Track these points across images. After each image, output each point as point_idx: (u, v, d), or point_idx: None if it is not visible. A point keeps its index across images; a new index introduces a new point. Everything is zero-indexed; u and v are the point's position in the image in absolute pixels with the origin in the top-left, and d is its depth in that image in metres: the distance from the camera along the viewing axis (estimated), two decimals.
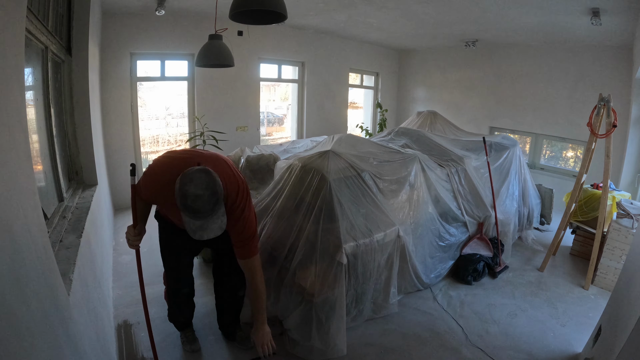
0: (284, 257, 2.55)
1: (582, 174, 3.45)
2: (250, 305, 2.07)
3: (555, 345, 2.51)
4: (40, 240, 1.14)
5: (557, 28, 4.47)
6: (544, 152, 6.09)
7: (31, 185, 1.17)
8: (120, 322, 2.60)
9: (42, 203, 1.31)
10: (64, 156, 2.64)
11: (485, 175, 3.66)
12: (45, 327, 1.01)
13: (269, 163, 3.36)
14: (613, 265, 3.20)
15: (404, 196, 3.00)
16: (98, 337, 1.86)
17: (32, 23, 1.82)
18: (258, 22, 2.20)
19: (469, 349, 2.46)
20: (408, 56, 7.83)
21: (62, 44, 2.61)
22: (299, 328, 2.42)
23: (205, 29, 3.99)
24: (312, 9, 4.65)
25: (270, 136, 10.32)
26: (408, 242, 2.81)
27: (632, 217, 3.19)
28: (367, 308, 2.66)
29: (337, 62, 6.82)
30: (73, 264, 1.59)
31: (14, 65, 1.09)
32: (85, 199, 2.60)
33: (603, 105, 3.16)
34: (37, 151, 1.95)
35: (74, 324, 1.35)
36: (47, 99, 2.19)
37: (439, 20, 4.73)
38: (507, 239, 3.69)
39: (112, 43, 4.47)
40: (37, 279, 1.02)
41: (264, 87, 8.32)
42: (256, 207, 2.94)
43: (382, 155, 3.12)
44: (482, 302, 3.02)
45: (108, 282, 2.92)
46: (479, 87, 6.60)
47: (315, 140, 4.24)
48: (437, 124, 4.69)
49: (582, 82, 5.18)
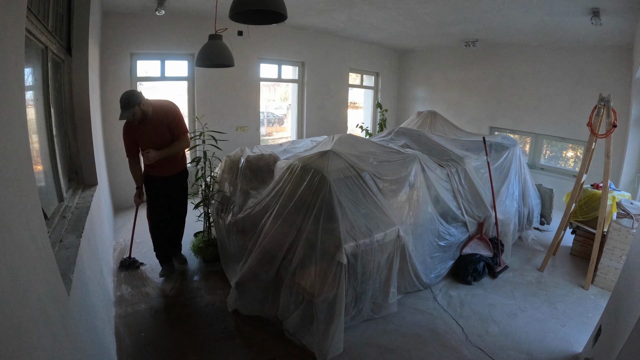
0: (284, 257, 2.56)
1: (582, 174, 3.45)
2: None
3: (555, 345, 2.51)
4: (40, 240, 1.14)
5: (557, 28, 4.47)
6: (544, 152, 6.09)
7: (31, 185, 1.17)
8: (120, 322, 2.60)
9: (42, 203, 1.31)
10: (64, 156, 2.64)
11: (485, 175, 3.66)
12: (45, 327, 1.01)
13: (269, 163, 3.36)
14: (613, 265, 3.20)
15: (404, 196, 3.00)
16: (98, 337, 1.86)
17: (32, 23, 1.82)
18: (258, 22, 2.20)
19: (469, 349, 2.46)
20: (408, 56, 7.83)
21: (62, 44, 2.61)
22: (298, 327, 2.42)
23: (205, 29, 3.99)
24: (312, 9, 4.65)
25: (270, 136, 10.32)
26: (408, 242, 2.81)
27: (632, 217, 3.19)
28: (366, 308, 2.66)
29: (337, 62, 6.82)
30: (73, 264, 1.59)
31: (14, 65, 1.09)
32: (85, 199, 2.60)
33: (603, 105, 3.16)
34: (37, 151, 1.95)
35: (74, 324, 1.35)
36: (47, 99, 2.19)
37: (439, 20, 4.73)
38: (507, 239, 3.69)
39: (112, 43, 4.47)
40: (37, 279, 1.02)
41: (264, 87, 8.32)
42: (256, 207, 2.95)
43: (382, 155, 3.13)
44: (482, 302, 3.02)
45: (108, 282, 2.92)
46: (479, 87, 6.60)
47: (315, 140, 4.24)
48: (437, 124, 4.69)
49: (582, 82, 5.18)
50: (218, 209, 3.46)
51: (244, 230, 3.04)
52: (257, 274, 2.66)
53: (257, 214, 2.90)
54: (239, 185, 3.31)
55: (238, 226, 3.08)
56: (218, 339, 2.48)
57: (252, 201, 3.11)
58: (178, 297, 2.95)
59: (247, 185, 3.31)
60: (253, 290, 2.69)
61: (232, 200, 3.30)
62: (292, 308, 2.47)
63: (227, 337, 2.50)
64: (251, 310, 2.69)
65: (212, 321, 2.67)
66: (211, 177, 3.56)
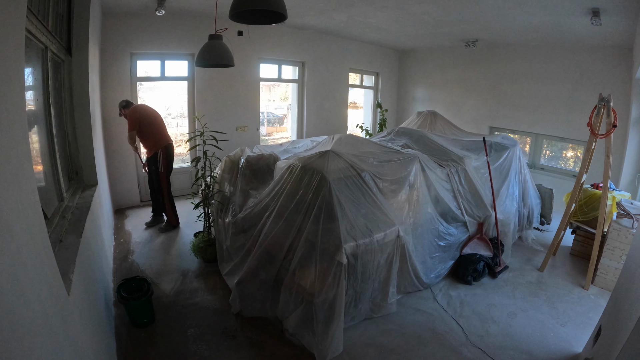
0: (284, 257, 2.56)
1: (582, 174, 3.45)
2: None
3: (555, 345, 2.51)
4: (40, 240, 1.14)
5: (558, 28, 4.47)
6: (544, 152, 6.09)
7: (31, 185, 1.17)
8: (121, 322, 2.60)
9: (42, 203, 1.31)
10: (64, 156, 2.64)
11: (485, 175, 3.66)
12: (45, 327, 1.01)
13: (269, 163, 3.36)
14: (613, 265, 3.20)
15: (404, 196, 3.00)
16: (98, 337, 1.86)
17: (32, 23, 1.82)
18: (258, 22, 2.20)
19: (469, 349, 2.46)
20: (408, 56, 7.83)
21: (62, 44, 2.61)
22: (298, 327, 2.43)
23: (205, 29, 4.00)
24: (312, 9, 4.65)
25: (270, 136, 10.31)
26: (408, 242, 2.81)
27: (632, 217, 3.19)
28: (365, 307, 2.66)
29: (337, 62, 6.82)
30: (73, 264, 1.59)
31: (14, 65, 1.09)
32: (85, 199, 2.60)
33: (603, 105, 3.16)
34: (37, 151, 1.95)
35: (74, 324, 1.35)
36: (47, 99, 2.18)
37: (439, 20, 4.73)
38: (507, 239, 3.69)
39: (112, 43, 4.47)
40: (37, 279, 1.02)
41: (264, 87, 8.32)
42: (256, 207, 2.95)
43: (382, 155, 3.13)
44: (482, 302, 3.02)
45: (108, 282, 2.92)
46: (479, 87, 6.60)
47: (315, 140, 4.24)
48: (437, 124, 4.69)
49: (582, 82, 5.18)
50: (218, 209, 3.46)
51: (244, 230, 3.04)
52: (257, 274, 2.66)
53: (257, 214, 2.90)
54: (239, 185, 3.31)
55: (238, 226, 3.08)
56: (218, 339, 2.48)
57: (252, 201, 3.11)
58: (178, 297, 2.96)
59: (247, 185, 3.31)
60: (253, 291, 2.69)
61: (232, 200, 3.30)
62: (291, 308, 2.47)
63: (227, 337, 2.50)
64: (253, 311, 2.69)
65: (212, 321, 2.67)
66: (211, 177, 3.56)
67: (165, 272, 3.34)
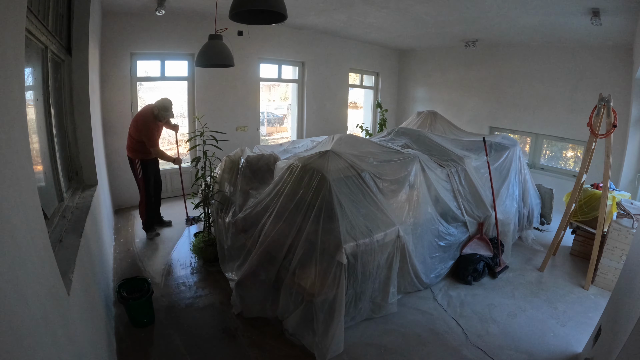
0: (284, 257, 2.56)
1: (582, 174, 3.45)
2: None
3: (555, 345, 2.51)
4: (40, 240, 1.14)
5: (558, 28, 4.47)
6: (544, 152, 6.09)
7: (31, 185, 1.17)
8: (121, 322, 2.60)
9: (42, 203, 1.31)
10: (64, 156, 2.64)
11: (485, 175, 3.66)
12: (45, 327, 1.01)
13: (269, 163, 3.36)
14: (613, 265, 3.20)
15: (404, 196, 3.00)
16: (98, 337, 1.86)
17: (32, 23, 1.82)
18: (258, 22, 2.20)
19: (469, 349, 2.46)
20: (408, 56, 7.83)
21: (62, 44, 2.61)
22: (298, 327, 2.43)
23: (205, 29, 4.00)
24: (312, 9, 4.65)
25: (270, 136, 10.31)
26: (408, 242, 2.81)
27: (632, 217, 3.19)
28: (365, 307, 2.66)
29: (337, 62, 6.82)
30: (73, 264, 1.59)
31: (14, 65, 1.09)
32: (85, 199, 2.60)
33: (603, 105, 3.16)
34: (37, 151, 1.95)
35: (74, 324, 1.35)
36: (47, 99, 2.18)
37: (439, 20, 4.73)
38: (507, 239, 3.69)
39: (112, 43, 4.47)
40: (37, 279, 1.02)
41: (264, 87, 8.32)
42: (256, 207, 2.95)
43: (382, 155, 3.12)
44: (482, 302, 3.02)
45: (108, 282, 2.92)
46: (479, 87, 6.59)
47: (316, 140, 4.24)
48: (437, 124, 4.69)
49: (582, 82, 5.18)
50: (218, 209, 3.46)
51: (244, 230, 3.04)
52: (257, 274, 2.66)
53: (257, 214, 2.90)
54: (239, 185, 3.31)
55: (238, 226, 3.08)
56: (218, 339, 2.48)
57: (252, 201, 3.11)
58: (178, 297, 2.96)
59: (247, 185, 3.31)
60: (253, 291, 2.69)
61: (232, 200, 3.30)
62: (292, 308, 2.47)
63: (228, 337, 2.51)
64: (253, 312, 2.69)
65: (212, 321, 2.67)
66: (211, 177, 3.56)
67: (166, 272, 3.34)
